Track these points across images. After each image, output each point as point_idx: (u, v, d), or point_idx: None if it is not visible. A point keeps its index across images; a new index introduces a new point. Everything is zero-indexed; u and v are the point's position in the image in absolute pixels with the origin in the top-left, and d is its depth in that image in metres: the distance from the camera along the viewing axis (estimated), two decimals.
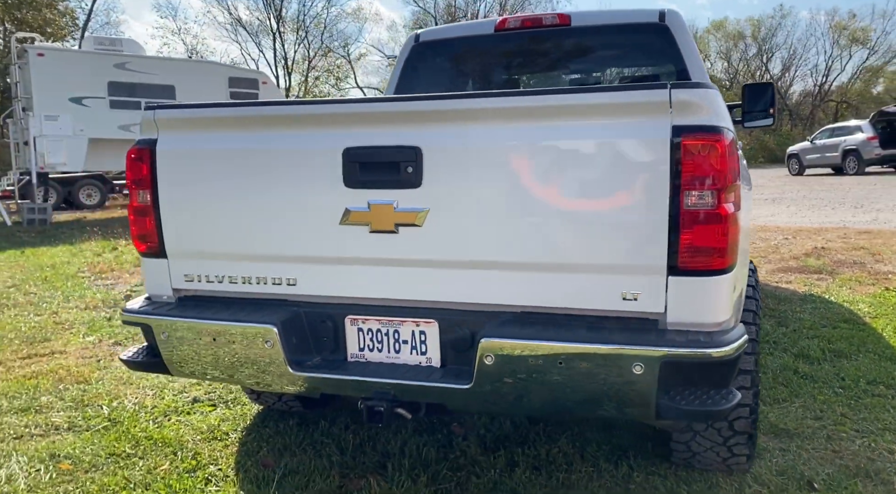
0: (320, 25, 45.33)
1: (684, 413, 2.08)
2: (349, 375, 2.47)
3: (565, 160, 2.19)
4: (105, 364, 4.58)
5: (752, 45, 53.74)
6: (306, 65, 45.67)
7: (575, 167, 2.18)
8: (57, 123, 15.47)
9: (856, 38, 52.14)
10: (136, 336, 5.23)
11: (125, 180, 3.15)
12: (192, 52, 44.16)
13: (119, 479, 3.01)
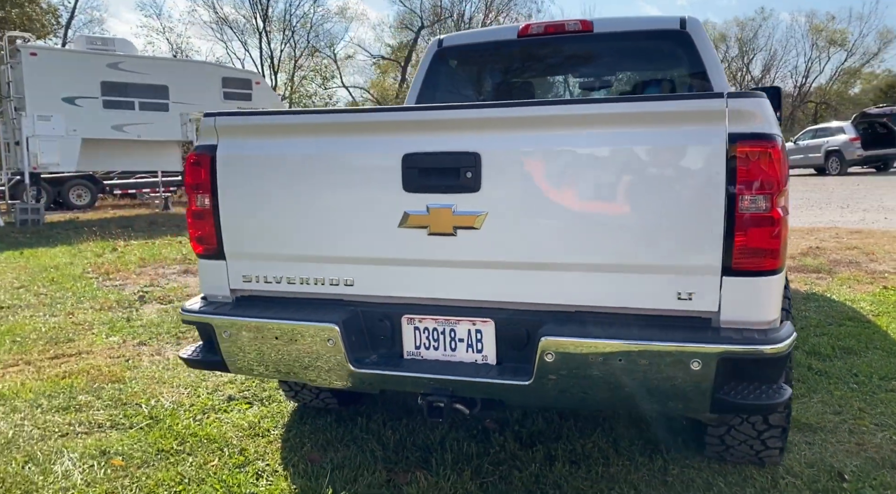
0: (307, 25, 45.27)
1: (740, 408, 2.21)
2: (409, 372, 2.57)
3: (622, 165, 2.30)
4: (135, 363, 4.64)
5: (734, 47, 54.34)
6: (292, 64, 45.57)
7: (632, 172, 2.30)
8: (50, 123, 15.40)
9: (834, 41, 52.92)
10: (159, 335, 5.30)
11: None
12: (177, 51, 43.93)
13: (173, 474, 3.09)
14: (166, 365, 4.61)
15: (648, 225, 2.29)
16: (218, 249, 2.83)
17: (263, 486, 3.01)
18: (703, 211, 2.22)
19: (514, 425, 3.57)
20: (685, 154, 2.24)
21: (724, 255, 2.22)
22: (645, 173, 2.29)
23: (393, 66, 48.94)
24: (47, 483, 3.05)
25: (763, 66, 53.25)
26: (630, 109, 2.32)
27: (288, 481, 3.05)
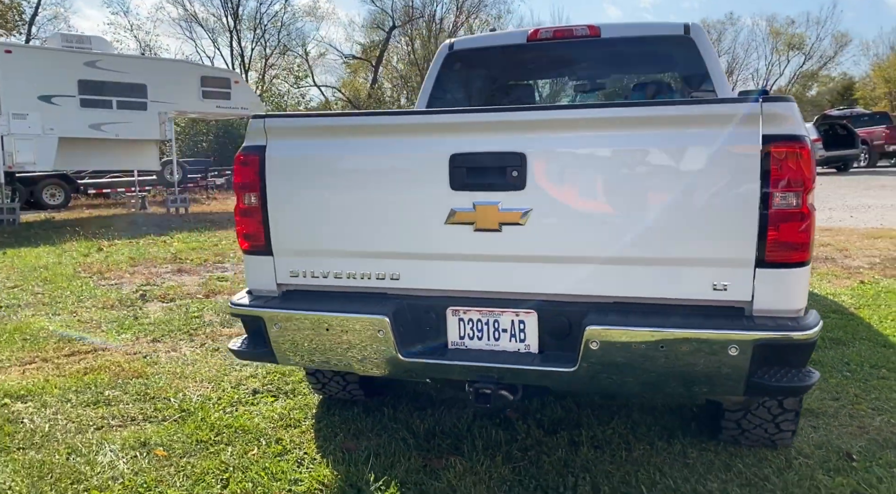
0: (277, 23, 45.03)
1: (775, 390, 2.40)
2: (454, 361, 2.72)
3: (661, 164, 2.48)
4: (154, 360, 4.72)
5: None
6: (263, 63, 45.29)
7: (670, 170, 2.47)
8: (25, 122, 15.21)
9: (793, 44, 54.19)
10: (171, 333, 5.37)
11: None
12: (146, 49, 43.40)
13: (217, 463, 3.21)
14: (185, 360, 4.70)
15: (685, 220, 2.46)
16: (266, 246, 2.95)
17: (305, 473, 3.14)
18: (738, 207, 2.40)
19: (535, 413, 3.74)
20: (721, 154, 2.41)
21: (757, 249, 2.40)
22: (682, 171, 2.46)
23: (364, 66, 48.87)
24: (94, 473, 3.14)
25: (726, 68, 54.17)
26: (668, 112, 2.50)
27: (328, 467, 3.18)
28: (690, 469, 3.14)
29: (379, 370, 2.85)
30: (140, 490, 3.01)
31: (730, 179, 2.41)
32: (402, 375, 2.89)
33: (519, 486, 3.01)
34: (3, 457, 3.32)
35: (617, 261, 2.57)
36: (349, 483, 3.05)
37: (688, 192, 2.46)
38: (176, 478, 3.10)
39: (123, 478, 3.10)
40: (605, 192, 2.54)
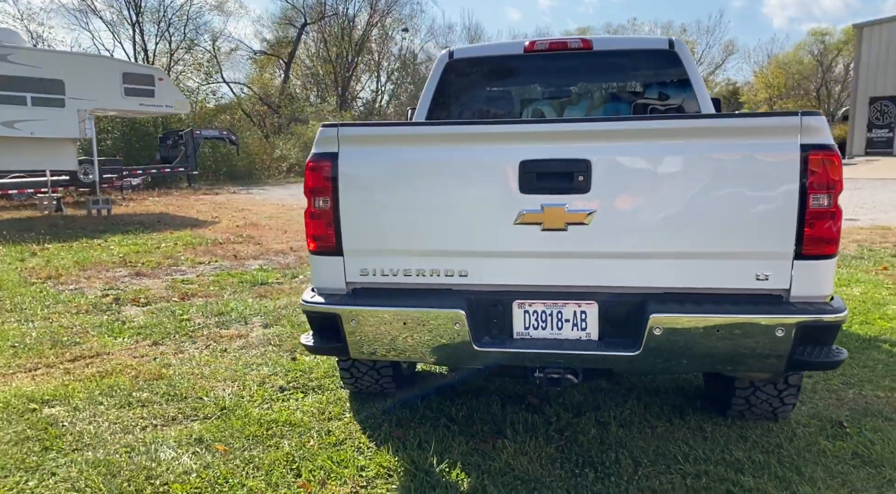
0: (183, 17, 43.65)
1: (815, 365, 2.80)
2: (528, 349, 2.99)
3: (712, 170, 2.83)
4: (165, 361, 4.76)
5: None
6: (169, 58, 43.81)
7: (719, 175, 2.83)
8: None
9: None
10: (169, 335, 5.37)
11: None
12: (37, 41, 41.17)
13: (282, 455, 3.37)
14: (197, 362, 4.76)
15: (733, 218, 2.82)
16: (336, 246, 3.12)
17: (368, 460, 3.35)
18: (780, 206, 2.78)
19: (557, 398, 4.05)
20: (766, 161, 2.79)
21: (795, 243, 2.79)
22: (731, 176, 2.82)
23: (272, 62, 48.01)
24: (163, 469, 3.24)
25: None
26: (719, 124, 2.88)
27: (388, 454, 3.39)
28: (712, 441, 3.53)
29: (452, 360, 3.10)
30: (218, 482, 3.14)
31: (773, 182, 2.78)
32: (472, 363, 3.13)
33: (567, 462, 3.32)
34: (62, 458, 3.36)
35: (671, 256, 2.91)
36: (414, 466, 3.27)
37: (735, 194, 2.82)
38: (247, 470, 3.25)
39: (195, 473, 3.22)
40: (661, 195, 2.87)
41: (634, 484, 3.11)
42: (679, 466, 3.28)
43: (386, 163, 3.07)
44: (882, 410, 3.88)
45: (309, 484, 3.14)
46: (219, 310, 6.10)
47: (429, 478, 3.18)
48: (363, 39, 44.76)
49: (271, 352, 4.95)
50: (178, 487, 3.10)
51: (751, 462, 3.31)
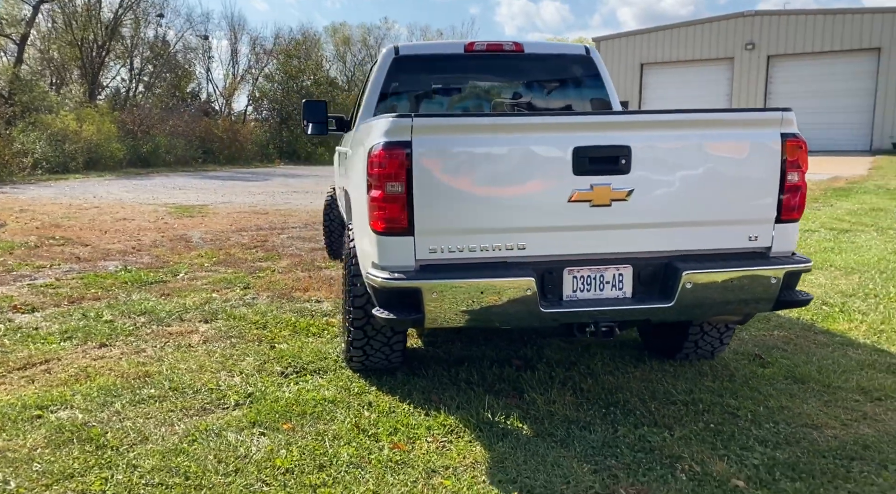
0: None
1: (795, 303, 3.68)
2: (584, 308, 3.54)
3: (720, 154, 3.59)
4: (135, 361, 4.58)
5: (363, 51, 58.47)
6: None
7: (725, 158, 3.60)
8: None
9: None
10: (110, 336, 5.09)
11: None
12: None
13: (349, 425, 3.62)
14: (174, 358, 4.66)
15: (734, 192, 3.61)
16: (408, 227, 3.42)
17: (431, 420, 3.68)
18: (767, 182, 3.61)
19: (533, 359, 4.63)
20: (758, 147, 3.60)
21: (777, 210, 3.63)
22: (733, 158, 3.60)
23: None
24: (243, 450, 3.33)
25: None
26: (726, 117, 3.65)
27: (443, 415, 3.76)
28: (682, 378, 4.36)
29: (518, 321, 3.55)
30: (315, 453, 3.32)
31: (761, 163, 3.61)
32: (535, 323, 3.60)
33: (591, 405, 3.95)
34: (128, 453, 3.30)
35: (690, 224, 3.62)
36: (477, 421, 3.67)
37: (735, 171, 3.61)
38: (326, 441, 3.42)
39: (283, 448, 3.35)
40: (682, 173, 3.57)
41: (655, 415, 3.80)
42: (673, 398, 4.03)
43: (456, 149, 3.42)
44: (778, 344, 4.98)
45: (400, 444, 3.42)
46: (138, 310, 5.82)
47: (495, 429, 3.61)
48: (115, 23, 41.36)
49: (241, 344, 4.96)
50: (280, 460, 3.22)
51: (723, 388, 4.17)
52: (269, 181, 23.48)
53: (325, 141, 43.21)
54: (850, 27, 29.49)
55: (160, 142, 31.80)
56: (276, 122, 42.81)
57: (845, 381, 4.29)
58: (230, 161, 34.61)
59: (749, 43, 31.23)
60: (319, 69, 48.25)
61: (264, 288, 6.66)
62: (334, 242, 8.17)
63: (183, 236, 10.40)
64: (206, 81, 47.11)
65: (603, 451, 3.38)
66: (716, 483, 3.06)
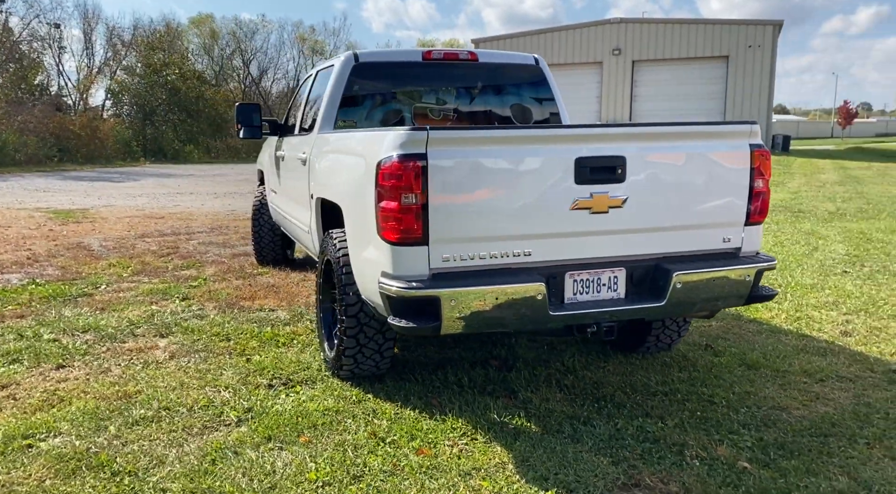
0: None
1: (763, 298, 4.07)
2: (586, 310, 3.76)
3: (701, 162, 3.92)
4: (106, 381, 4.36)
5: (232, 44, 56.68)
6: None
7: (706, 166, 3.93)
8: None
9: (316, 50, 59.61)
10: (64, 355, 4.79)
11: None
12: None
13: (365, 434, 3.68)
14: (148, 376, 4.47)
15: (711, 197, 3.95)
16: (423, 237, 3.51)
17: (443, 423, 3.77)
18: (738, 188, 3.98)
19: (513, 359, 4.82)
20: (731, 156, 3.96)
21: (746, 214, 4.01)
22: (711, 166, 3.94)
23: None
24: (266, 470, 3.33)
25: (260, 67, 56.74)
26: (706, 129, 4.00)
27: (450, 416, 3.89)
28: (653, 369, 4.69)
29: (527, 325, 3.72)
30: (344, 464, 3.36)
31: (735, 171, 3.97)
32: (543, 326, 3.77)
33: (580, 400, 4.20)
34: (150, 479, 3.20)
35: (675, 229, 3.94)
36: (486, 423, 3.81)
37: (713, 178, 3.96)
38: (347, 449, 3.45)
39: (310, 460, 3.36)
40: (668, 181, 3.87)
41: (644, 407, 4.10)
42: (652, 389, 4.35)
43: (468, 161, 3.54)
44: (720, 334, 5.44)
45: (424, 450, 3.50)
46: (79, 327, 5.49)
47: (505, 429, 3.77)
48: None
49: (212, 358, 4.82)
50: (313, 474, 3.23)
51: (692, 378, 4.54)
52: (141, 182, 22.44)
53: (194, 138, 41.69)
54: (703, 36, 31.86)
55: (7, 140, 29.47)
56: (139, 118, 40.70)
57: (789, 365, 4.78)
58: (89, 160, 32.54)
59: (616, 48, 33.03)
60: (186, 62, 46.24)
61: (206, 299, 6.45)
62: (265, 248, 8.00)
63: (80, 244, 9.81)
64: (58, 74, 43.96)
65: (612, 443, 3.62)
66: (726, 467, 3.37)
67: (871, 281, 7.31)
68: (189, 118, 41.36)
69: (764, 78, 31.14)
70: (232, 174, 26.33)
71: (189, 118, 41.36)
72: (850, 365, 4.82)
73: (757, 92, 31.13)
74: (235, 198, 16.82)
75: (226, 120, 44.48)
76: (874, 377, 4.61)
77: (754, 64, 31.09)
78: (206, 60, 55.41)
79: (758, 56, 31.08)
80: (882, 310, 6.21)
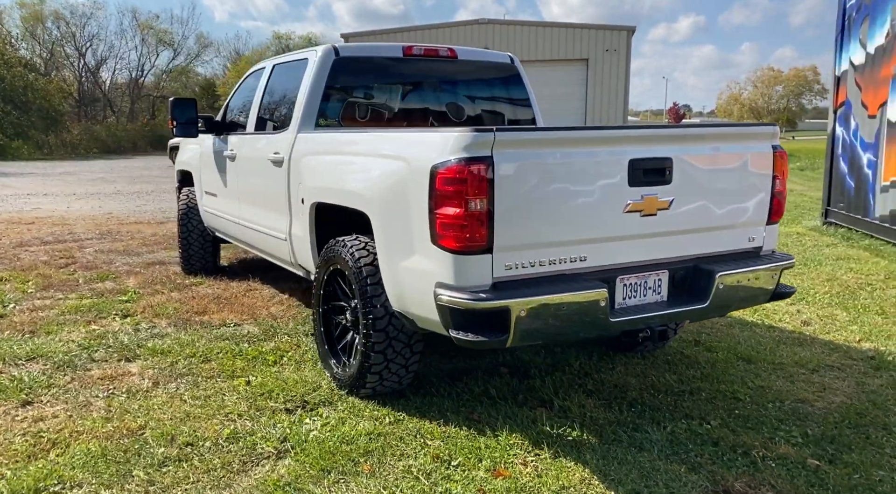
0: None
1: (785, 295, 4.17)
2: (636, 315, 3.68)
3: (736, 162, 3.97)
4: (98, 417, 3.77)
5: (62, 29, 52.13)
6: None
7: (738, 166, 3.99)
8: None
9: (162, 40, 56.23)
10: (31, 390, 4.10)
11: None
12: None
13: (427, 459, 3.41)
14: (143, 406, 3.91)
15: (742, 196, 4.01)
16: (488, 245, 3.30)
17: (495, 440, 3.57)
18: (763, 189, 4.07)
19: (521, 365, 4.70)
20: (758, 157, 4.04)
21: (769, 214, 4.11)
22: (742, 167, 4.00)
23: None
24: None
25: (98, 56, 52.61)
26: (740, 131, 4.05)
27: (503, 432, 3.70)
28: (662, 368, 4.72)
29: (590, 332, 3.60)
30: (432, 493, 3.04)
31: (761, 172, 4.05)
32: (603, 333, 3.65)
33: (613, 405, 4.15)
34: None
35: (710, 229, 3.96)
36: (538, 433, 3.68)
37: (743, 179, 4.02)
38: (419, 476, 3.20)
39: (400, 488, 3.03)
40: (706, 182, 3.88)
41: (680, 408, 4.11)
42: (675, 388, 4.37)
43: (531, 163, 3.36)
44: (701, 330, 5.58)
45: (502, 471, 3.28)
46: (16, 355, 4.73)
47: (563, 441, 3.64)
48: None
49: (203, 382, 4.32)
50: None
51: (704, 375, 4.61)
52: None
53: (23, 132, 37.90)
54: (565, 40, 33.06)
55: None
56: None
57: (780, 357, 4.98)
58: None
59: (485, 47, 33.53)
60: (8, 47, 41.94)
61: (152, 315, 5.80)
62: (194, 256, 7.34)
63: None
64: None
65: (674, 449, 3.57)
66: (800, 466, 3.41)
67: (787, 272, 7.81)
68: (16, 110, 37.48)
69: (620, 80, 32.79)
70: (79, 171, 24.38)
71: (16, 110, 37.48)
72: (830, 353, 5.09)
73: (615, 93, 32.73)
74: (105, 200, 15.45)
75: (61, 113, 40.95)
76: (857, 364, 4.89)
77: (612, 67, 32.67)
78: (33, 47, 50.60)
79: (615, 59, 32.67)
80: (819, 299, 6.64)
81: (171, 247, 9.26)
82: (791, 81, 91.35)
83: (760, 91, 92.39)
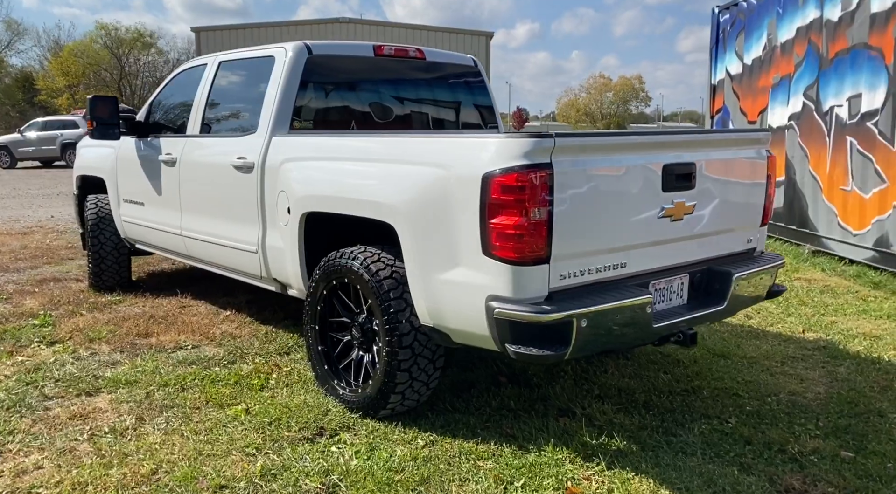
0: None
1: (781, 292, 4.35)
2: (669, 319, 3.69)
3: (741, 168, 4.10)
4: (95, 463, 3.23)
5: None
6: None
7: (744, 170, 4.11)
8: None
9: None
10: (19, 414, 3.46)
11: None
12: None
13: (490, 482, 3.22)
14: (134, 448, 3.39)
15: (746, 199, 4.15)
16: (546, 255, 3.18)
17: (542, 455, 3.45)
18: (760, 192, 4.22)
19: (515, 373, 4.60)
20: (755, 162, 4.18)
21: (763, 215, 4.28)
22: (747, 170, 4.13)
23: None
24: None
25: None
26: (748, 136, 4.19)
27: (549, 446, 3.56)
28: (651, 367, 4.81)
29: (636, 340, 3.58)
30: None
31: (759, 175, 4.20)
32: (645, 340, 3.61)
33: (631, 410, 4.15)
34: None
35: (719, 232, 4.06)
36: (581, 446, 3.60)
37: (747, 182, 4.14)
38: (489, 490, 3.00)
39: None
40: (719, 186, 3.96)
41: (698, 409, 4.16)
42: (675, 389, 4.43)
43: (585, 169, 3.28)
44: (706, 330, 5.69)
45: (572, 488, 3.16)
46: None
47: (608, 452, 3.56)
48: None
49: (193, 414, 3.85)
50: None
51: (702, 374, 4.72)
52: None
53: None
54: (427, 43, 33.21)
55: None
56: None
57: (748, 351, 5.20)
58: None
59: None
60: None
61: (87, 341, 5.12)
62: (107, 270, 6.59)
63: None
64: None
65: (716, 451, 3.61)
66: (838, 460, 3.52)
67: None
68: None
69: None
70: None
71: None
72: (786, 345, 5.39)
73: None
74: None
75: None
76: (814, 354, 5.19)
77: None
78: None
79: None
80: None
81: (53, 261, 8.35)
82: (619, 89, 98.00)
83: (593, 97, 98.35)
